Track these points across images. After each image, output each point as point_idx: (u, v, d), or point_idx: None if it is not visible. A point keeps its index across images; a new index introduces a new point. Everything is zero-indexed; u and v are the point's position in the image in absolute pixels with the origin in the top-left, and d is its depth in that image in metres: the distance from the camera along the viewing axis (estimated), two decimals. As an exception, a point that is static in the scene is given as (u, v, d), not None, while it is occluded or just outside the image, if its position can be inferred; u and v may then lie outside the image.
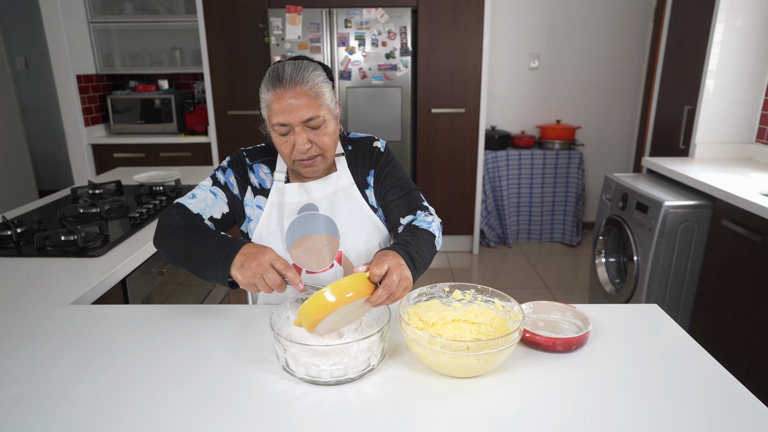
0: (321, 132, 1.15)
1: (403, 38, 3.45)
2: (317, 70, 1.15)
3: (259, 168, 1.29)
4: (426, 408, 0.85)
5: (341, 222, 1.27)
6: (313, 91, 1.12)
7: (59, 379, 0.93)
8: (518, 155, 3.99)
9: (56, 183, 5.31)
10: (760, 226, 1.91)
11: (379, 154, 1.31)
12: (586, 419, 0.82)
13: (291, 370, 0.91)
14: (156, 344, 1.04)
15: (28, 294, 1.27)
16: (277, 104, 1.11)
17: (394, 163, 1.32)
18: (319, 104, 1.13)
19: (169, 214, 1.17)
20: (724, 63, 2.69)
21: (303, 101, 1.10)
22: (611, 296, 2.68)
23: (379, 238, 1.31)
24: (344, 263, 1.29)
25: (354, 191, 1.29)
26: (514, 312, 1.02)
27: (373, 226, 1.30)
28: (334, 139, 1.20)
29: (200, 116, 3.98)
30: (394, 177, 1.30)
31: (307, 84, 1.11)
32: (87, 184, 2.17)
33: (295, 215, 1.26)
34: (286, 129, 1.13)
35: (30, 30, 5.00)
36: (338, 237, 1.27)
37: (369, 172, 1.31)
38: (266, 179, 1.29)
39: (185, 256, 1.08)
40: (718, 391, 0.89)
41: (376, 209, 1.31)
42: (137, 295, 1.56)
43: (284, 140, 1.15)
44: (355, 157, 1.32)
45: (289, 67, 1.12)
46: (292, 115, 1.11)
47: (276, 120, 1.12)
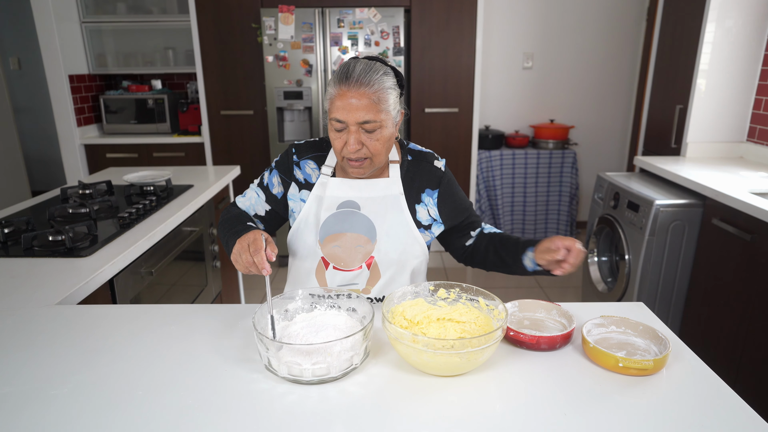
0: (375, 136, 1.15)
1: (396, 38, 3.45)
2: (388, 74, 1.15)
3: (306, 164, 1.31)
4: (409, 407, 0.85)
5: (381, 228, 1.26)
6: (377, 96, 1.12)
7: (41, 379, 0.92)
8: (512, 155, 4.00)
9: (49, 183, 5.29)
10: (749, 225, 1.92)
11: (442, 176, 1.32)
12: (567, 417, 0.82)
13: (273, 369, 0.91)
14: (140, 344, 1.04)
15: (13, 294, 1.26)
16: (339, 100, 1.13)
17: (456, 185, 1.37)
18: (379, 109, 1.13)
19: (228, 208, 1.36)
20: (716, 62, 2.69)
21: (364, 102, 1.11)
22: (603, 295, 2.68)
23: (415, 254, 1.31)
24: (372, 269, 1.29)
25: (401, 202, 1.28)
26: (498, 310, 1.02)
27: (413, 240, 1.29)
28: (388, 146, 1.20)
29: (193, 116, 3.97)
30: (460, 198, 1.36)
31: (373, 87, 1.12)
32: (77, 184, 2.16)
33: (333, 209, 1.27)
34: (341, 126, 1.14)
35: (22, 30, 4.98)
36: (374, 241, 1.27)
37: (426, 190, 1.31)
38: (312, 174, 1.31)
39: (223, 239, 1.26)
40: (700, 388, 0.89)
41: (420, 225, 1.31)
42: (125, 295, 1.56)
43: (338, 136, 1.16)
44: (413, 170, 1.31)
45: (360, 66, 1.13)
46: (350, 114, 1.12)
47: (334, 115, 1.14)
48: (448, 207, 1.33)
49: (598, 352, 0.94)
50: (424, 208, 1.31)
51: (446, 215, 1.34)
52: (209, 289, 2.26)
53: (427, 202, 1.31)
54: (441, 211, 1.33)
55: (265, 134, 3.73)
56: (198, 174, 2.52)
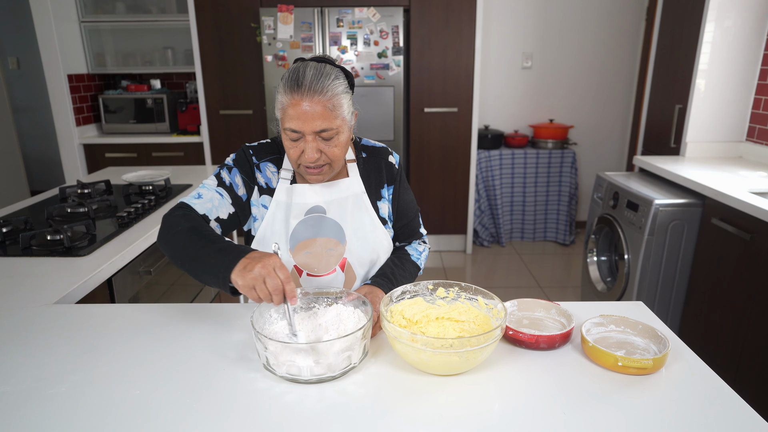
0: (332, 143, 1.13)
1: (395, 37, 3.45)
2: (339, 78, 1.12)
3: (266, 167, 1.26)
4: (408, 406, 0.85)
5: (349, 229, 1.25)
6: (331, 103, 1.09)
7: (39, 378, 0.92)
8: (511, 154, 4.00)
9: (48, 183, 5.28)
10: (749, 225, 1.92)
11: (396, 172, 1.32)
12: (566, 416, 0.81)
13: (272, 368, 0.91)
14: (138, 343, 1.04)
15: (11, 294, 1.26)
16: (292, 110, 1.08)
17: (406, 184, 1.35)
18: (334, 116, 1.10)
19: (174, 215, 1.14)
20: (715, 62, 2.69)
21: (318, 111, 1.07)
22: (603, 295, 2.68)
23: (386, 249, 1.31)
24: (347, 271, 1.28)
25: (365, 200, 1.27)
26: (497, 310, 1.02)
27: (381, 236, 1.29)
28: (345, 149, 1.17)
29: (192, 116, 3.97)
30: (405, 201, 1.34)
31: (326, 94, 1.08)
32: (76, 183, 2.16)
33: (301, 216, 1.24)
34: (297, 135, 1.10)
35: (21, 30, 4.97)
36: (344, 243, 1.25)
37: (384, 186, 1.30)
38: (273, 178, 1.26)
39: (188, 259, 1.05)
40: (699, 387, 0.89)
41: (385, 222, 1.30)
42: (124, 294, 1.56)
43: (294, 145, 1.12)
44: (369, 166, 1.30)
45: (311, 71, 1.08)
46: (306, 124, 1.08)
47: (288, 125, 1.10)
48: (395, 205, 1.33)
49: (598, 351, 0.94)
50: (385, 204, 1.31)
51: (394, 213, 1.33)
52: (207, 288, 2.25)
53: (387, 197, 1.31)
54: (392, 207, 1.32)
55: (264, 134, 3.73)
56: (197, 173, 2.52)
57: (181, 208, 1.16)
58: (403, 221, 1.35)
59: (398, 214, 1.34)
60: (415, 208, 1.38)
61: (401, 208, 1.34)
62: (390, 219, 1.32)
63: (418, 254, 1.37)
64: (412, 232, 1.38)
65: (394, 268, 1.28)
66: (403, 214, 1.34)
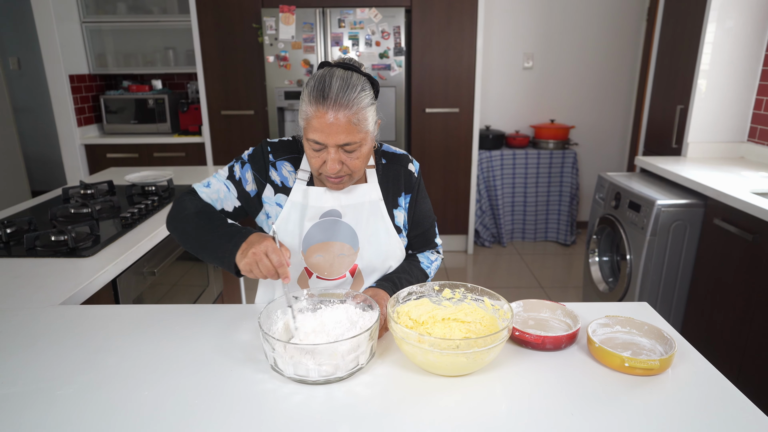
0: (354, 155, 1.11)
1: (396, 38, 3.45)
2: (365, 89, 1.09)
3: (282, 165, 1.24)
4: (415, 407, 0.85)
5: (363, 235, 1.24)
6: (356, 117, 1.07)
7: (46, 379, 0.92)
8: (512, 155, 4.00)
9: (49, 183, 5.28)
10: (751, 225, 1.92)
11: (415, 180, 1.31)
12: (574, 417, 0.82)
13: (279, 369, 0.91)
14: (145, 344, 1.04)
15: (16, 294, 1.26)
16: (316, 121, 1.06)
17: (424, 192, 1.34)
18: (358, 129, 1.08)
19: (183, 200, 1.20)
20: (716, 63, 2.70)
21: (343, 125, 1.06)
22: (605, 295, 2.68)
23: (397, 257, 1.30)
24: (356, 276, 1.27)
25: (381, 207, 1.26)
26: (503, 310, 1.02)
27: (394, 245, 1.28)
28: (366, 160, 1.17)
29: (194, 116, 3.97)
30: (421, 210, 1.33)
31: (352, 108, 1.06)
32: (78, 184, 2.16)
33: (316, 219, 1.23)
34: (320, 147, 1.09)
35: (22, 30, 4.97)
36: (357, 249, 1.25)
37: (401, 194, 1.29)
38: (289, 177, 1.24)
39: (196, 241, 1.13)
40: (706, 388, 0.89)
41: (399, 230, 1.30)
42: (128, 295, 1.56)
43: (316, 155, 1.11)
44: (388, 174, 1.29)
45: (337, 83, 1.06)
46: (330, 137, 1.07)
47: (312, 137, 1.08)
48: (411, 214, 1.32)
49: (604, 352, 0.94)
50: (401, 212, 1.30)
51: (409, 222, 1.32)
52: (210, 289, 2.25)
53: (404, 206, 1.30)
54: (408, 216, 1.31)
55: (266, 134, 3.73)
56: (199, 174, 2.52)
57: (189, 194, 1.22)
58: (418, 230, 1.34)
59: (414, 223, 1.33)
60: (431, 218, 1.36)
61: (417, 217, 1.32)
62: (405, 228, 1.31)
63: (429, 263, 1.35)
64: (426, 241, 1.36)
65: (401, 273, 1.27)
66: (418, 223, 1.33)
